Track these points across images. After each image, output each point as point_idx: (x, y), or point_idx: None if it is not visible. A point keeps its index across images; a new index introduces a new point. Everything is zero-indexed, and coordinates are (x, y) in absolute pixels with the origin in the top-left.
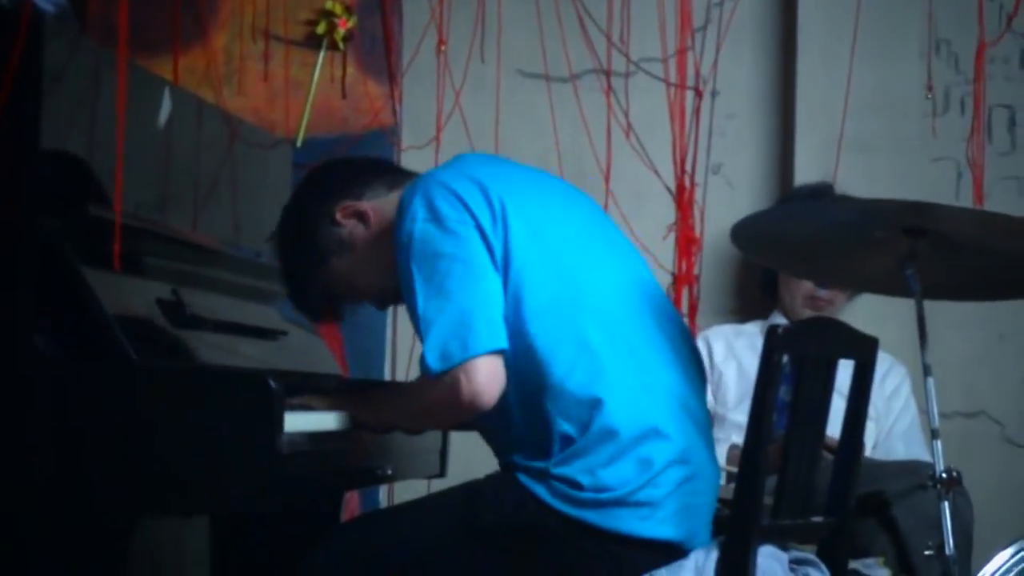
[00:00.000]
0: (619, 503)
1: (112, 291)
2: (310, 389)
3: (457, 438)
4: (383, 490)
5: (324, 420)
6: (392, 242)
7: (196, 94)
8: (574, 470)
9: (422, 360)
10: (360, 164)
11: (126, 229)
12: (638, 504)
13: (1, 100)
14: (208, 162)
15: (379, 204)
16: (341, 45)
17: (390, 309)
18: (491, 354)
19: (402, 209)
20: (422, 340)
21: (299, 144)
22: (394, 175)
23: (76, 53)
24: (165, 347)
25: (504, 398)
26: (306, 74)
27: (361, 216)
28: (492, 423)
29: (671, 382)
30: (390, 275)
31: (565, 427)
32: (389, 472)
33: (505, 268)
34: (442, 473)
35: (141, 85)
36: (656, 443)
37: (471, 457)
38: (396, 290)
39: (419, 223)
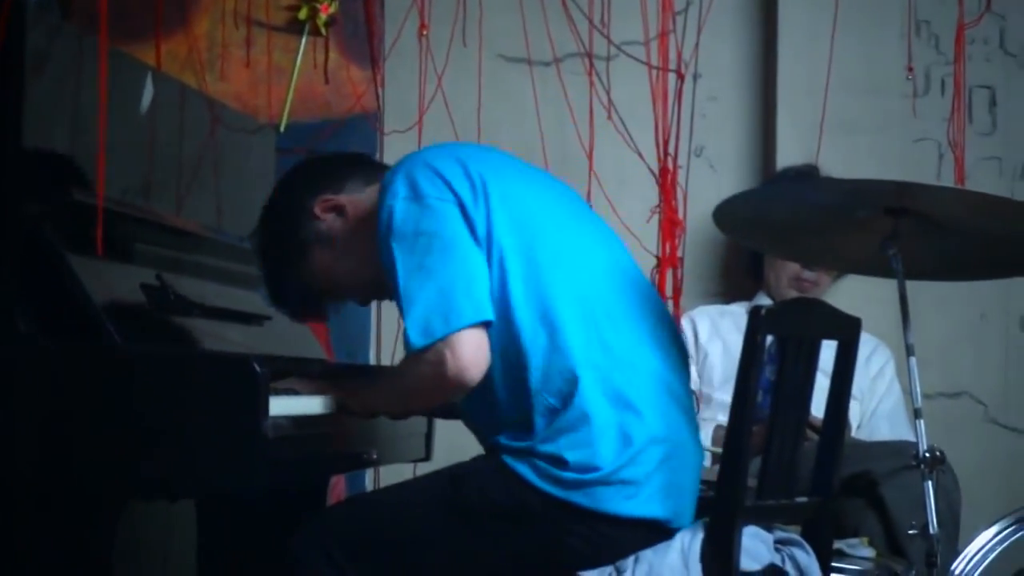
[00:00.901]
0: (603, 482)
1: (96, 276)
2: (295, 374)
3: (442, 422)
4: (369, 474)
5: (309, 404)
6: (371, 235)
7: (179, 80)
8: (559, 447)
9: (405, 337)
10: (338, 159)
11: (109, 214)
12: (622, 483)
13: None
14: (191, 148)
15: (357, 197)
16: (323, 30)
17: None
18: (475, 327)
19: (384, 188)
20: (404, 318)
21: (282, 129)
22: (372, 169)
23: (58, 39)
24: (149, 332)
25: (489, 376)
26: (288, 59)
27: (339, 209)
28: (476, 403)
29: (651, 363)
30: (370, 268)
31: (549, 401)
32: (374, 456)
33: (488, 243)
34: (427, 457)
35: (123, 71)
36: (633, 420)
37: (456, 441)
38: (377, 284)
39: (399, 201)
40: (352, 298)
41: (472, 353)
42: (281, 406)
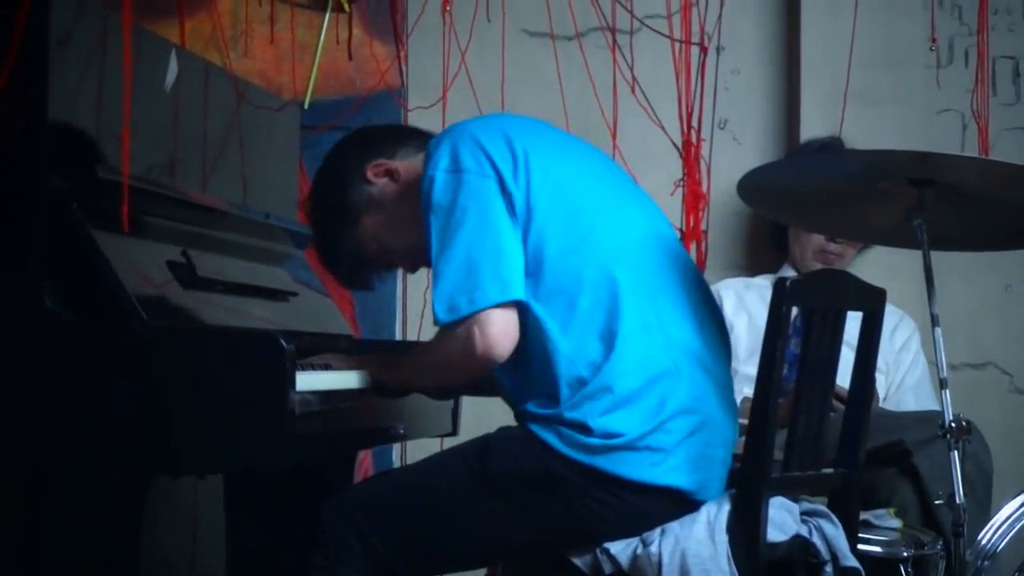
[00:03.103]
0: (628, 447)
1: (122, 253)
2: (322, 349)
3: (469, 397)
4: (396, 449)
5: (336, 379)
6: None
7: (203, 57)
8: (583, 413)
9: (433, 311)
10: (390, 128)
11: (135, 191)
12: (648, 449)
13: (8, 64)
14: (216, 125)
15: (409, 163)
16: (346, 7)
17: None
18: (503, 306)
19: (428, 156)
20: (432, 290)
21: (306, 106)
22: (423, 138)
23: (82, 17)
24: (176, 308)
25: (523, 347)
26: (312, 36)
27: (392, 174)
28: (506, 372)
29: (684, 335)
30: (420, 233)
31: (579, 371)
32: (401, 431)
33: (527, 216)
34: (454, 431)
35: (148, 49)
36: (662, 389)
37: (483, 415)
38: (426, 250)
39: (440, 172)
40: (401, 264)
41: (500, 331)
42: (308, 381)
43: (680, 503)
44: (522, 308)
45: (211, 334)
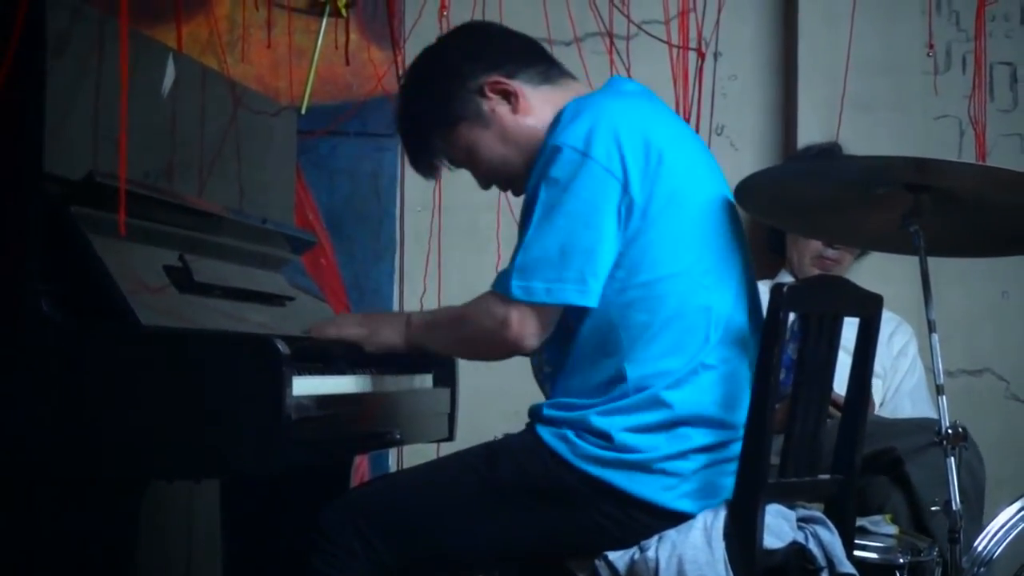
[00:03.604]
0: (644, 467)
1: (119, 257)
2: (319, 354)
3: (465, 402)
4: (392, 454)
5: (333, 384)
6: (529, 135)
7: (200, 62)
8: (611, 423)
9: (502, 277)
10: (519, 40)
11: (132, 196)
12: (664, 473)
13: (5, 68)
14: (213, 130)
15: (530, 90)
16: (344, 12)
17: (396, 276)
18: (554, 306)
19: (565, 118)
20: (515, 254)
21: (303, 111)
22: (551, 65)
23: (79, 21)
24: (172, 313)
25: (590, 342)
26: (309, 41)
27: (508, 96)
28: (559, 356)
29: (738, 323)
30: (513, 164)
31: (624, 385)
32: (398, 436)
33: (642, 223)
34: (451, 437)
35: (145, 53)
36: (700, 429)
37: (479, 421)
38: (509, 178)
39: (568, 148)
40: (476, 176)
41: (535, 329)
42: (304, 386)
43: (680, 522)
44: (606, 307)
45: (208, 338)
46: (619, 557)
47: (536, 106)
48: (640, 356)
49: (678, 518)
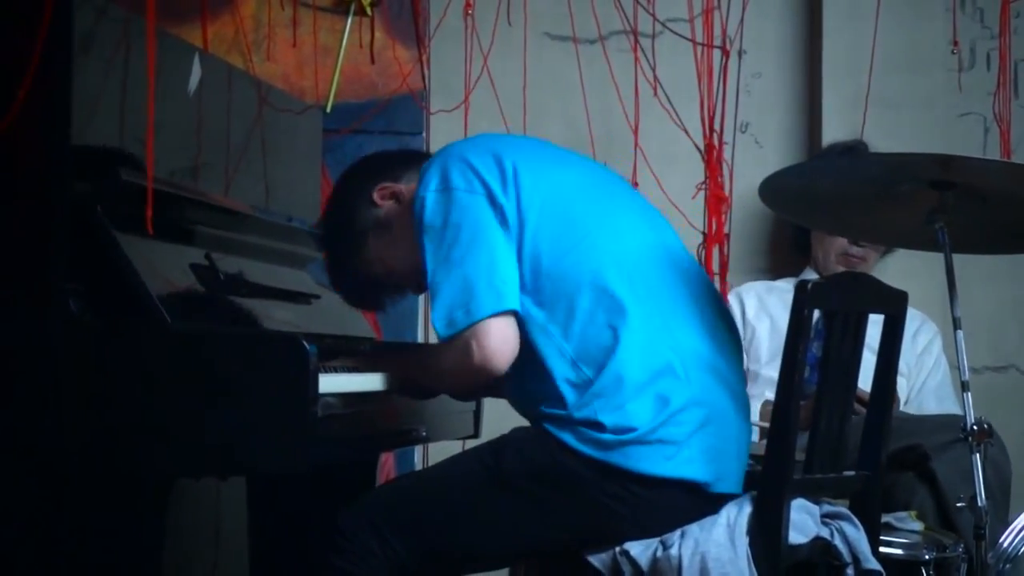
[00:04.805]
0: (641, 442)
1: (146, 256)
2: (345, 352)
3: (490, 399)
4: (418, 451)
5: (359, 381)
6: None
7: (226, 61)
8: (594, 410)
9: (434, 327)
10: (398, 153)
11: (158, 195)
12: (661, 442)
13: (32, 69)
14: (239, 128)
15: (414, 186)
16: (369, 10)
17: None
18: (500, 316)
19: (420, 178)
20: (431, 308)
21: (328, 110)
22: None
23: (105, 21)
24: (199, 311)
25: (529, 356)
26: (334, 40)
27: (397, 197)
28: (517, 384)
29: (693, 340)
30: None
31: (584, 371)
32: (423, 433)
33: (520, 225)
34: (476, 434)
35: (171, 52)
36: (671, 382)
37: (505, 418)
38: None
39: (430, 192)
40: (407, 284)
41: (498, 342)
42: (330, 384)
43: (696, 495)
44: (523, 317)
45: (234, 337)
46: (641, 552)
47: None
48: (577, 340)
49: (686, 487)
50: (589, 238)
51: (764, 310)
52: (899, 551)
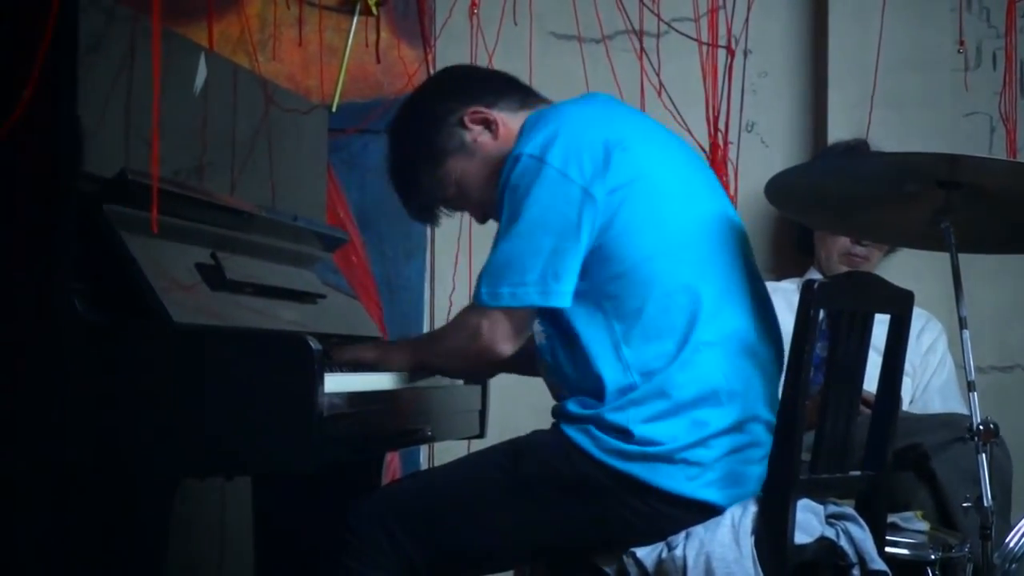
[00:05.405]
0: (666, 459)
1: (151, 255)
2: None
3: (496, 399)
4: (423, 451)
5: (364, 381)
6: None
7: (231, 60)
8: (627, 418)
9: (477, 284)
10: (493, 74)
11: (164, 194)
12: (686, 463)
13: (38, 68)
14: (244, 128)
15: (508, 116)
16: (374, 10)
17: (427, 274)
18: (522, 309)
19: (525, 129)
20: (485, 264)
21: (334, 109)
22: (528, 93)
23: (111, 21)
24: (204, 310)
25: (580, 343)
26: (340, 39)
27: (489, 124)
28: (562, 364)
29: (741, 328)
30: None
31: (632, 375)
32: (429, 433)
33: (610, 217)
34: (482, 434)
35: (176, 52)
36: (712, 409)
37: (510, 418)
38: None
39: (525, 156)
40: (473, 212)
41: (505, 334)
42: (336, 383)
43: (709, 513)
44: (591, 307)
45: (240, 336)
46: (647, 554)
47: (516, 131)
48: (638, 344)
49: (703, 508)
50: (679, 242)
51: None
52: (905, 551)
